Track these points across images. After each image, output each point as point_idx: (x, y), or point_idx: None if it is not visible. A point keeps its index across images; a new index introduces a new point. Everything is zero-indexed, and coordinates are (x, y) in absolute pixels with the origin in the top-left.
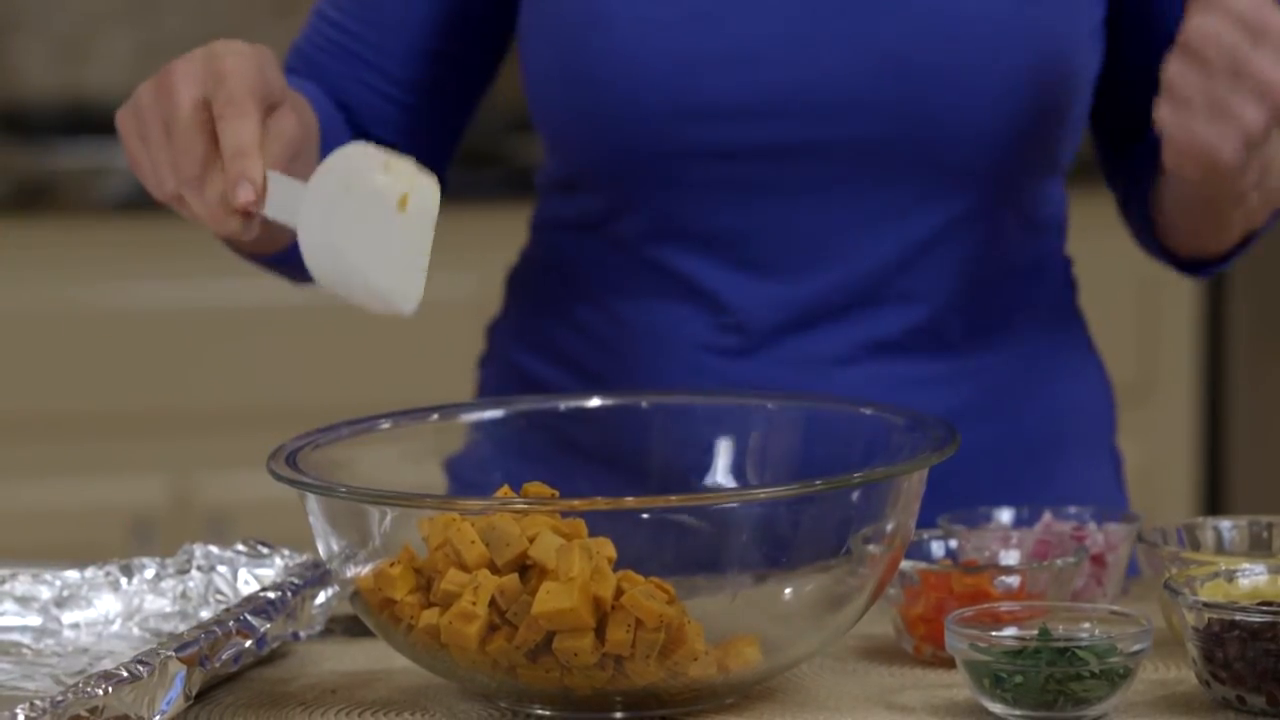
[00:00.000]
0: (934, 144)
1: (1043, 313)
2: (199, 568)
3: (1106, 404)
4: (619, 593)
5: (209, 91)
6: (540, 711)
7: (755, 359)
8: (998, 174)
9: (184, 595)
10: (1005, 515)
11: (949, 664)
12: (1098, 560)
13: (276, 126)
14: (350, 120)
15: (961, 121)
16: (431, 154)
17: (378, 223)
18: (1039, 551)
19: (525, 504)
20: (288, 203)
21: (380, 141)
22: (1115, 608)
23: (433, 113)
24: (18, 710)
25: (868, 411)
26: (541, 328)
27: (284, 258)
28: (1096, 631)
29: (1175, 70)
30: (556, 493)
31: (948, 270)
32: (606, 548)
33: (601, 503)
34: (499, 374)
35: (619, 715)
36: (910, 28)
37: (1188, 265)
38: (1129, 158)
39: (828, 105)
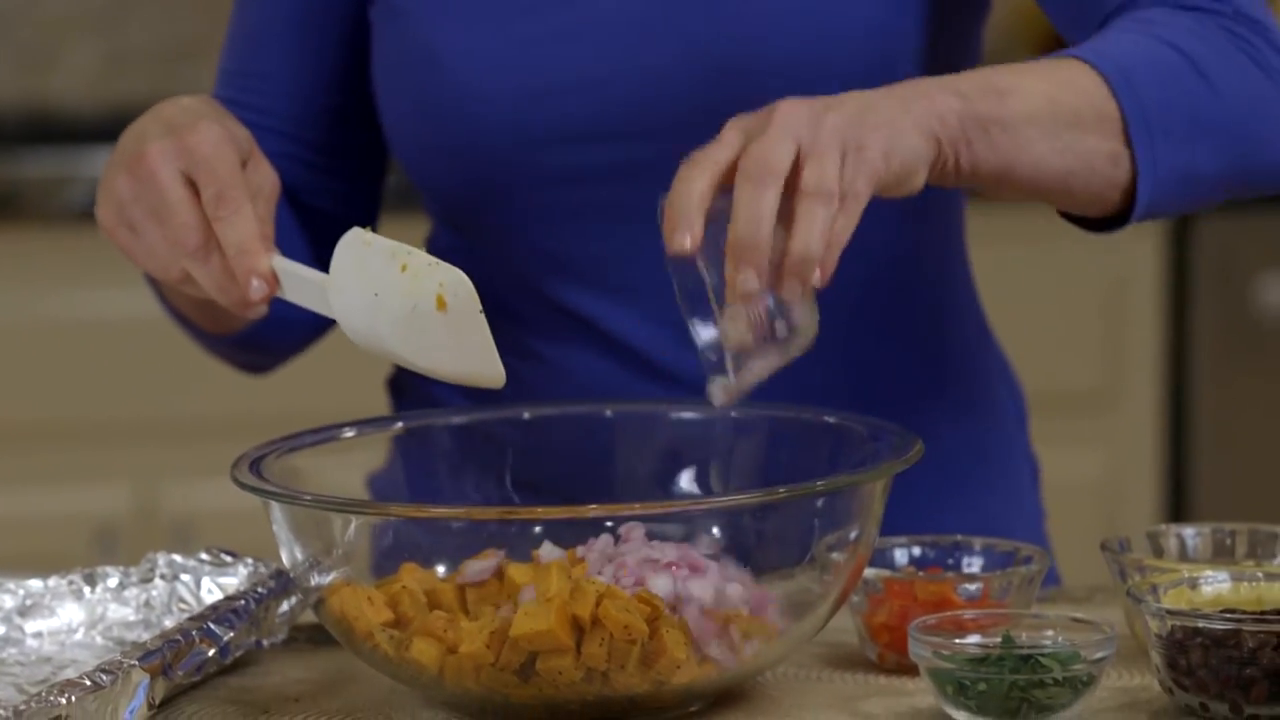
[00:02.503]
0: None
1: (942, 312)
2: (162, 576)
3: (1017, 410)
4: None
5: (186, 168)
6: None
7: (653, 383)
8: None
9: (147, 604)
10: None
11: (913, 671)
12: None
13: (255, 180)
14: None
15: None
16: (361, 206)
17: (424, 328)
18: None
19: (484, 515)
20: (306, 290)
21: (309, 207)
22: (1078, 615)
23: (350, 166)
24: None
25: (831, 420)
26: None
27: (246, 339)
28: (1060, 639)
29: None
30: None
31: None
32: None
33: (565, 511)
34: (408, 399)
35: None
36: (741, 33)
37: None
38: None
39: (668, 121)
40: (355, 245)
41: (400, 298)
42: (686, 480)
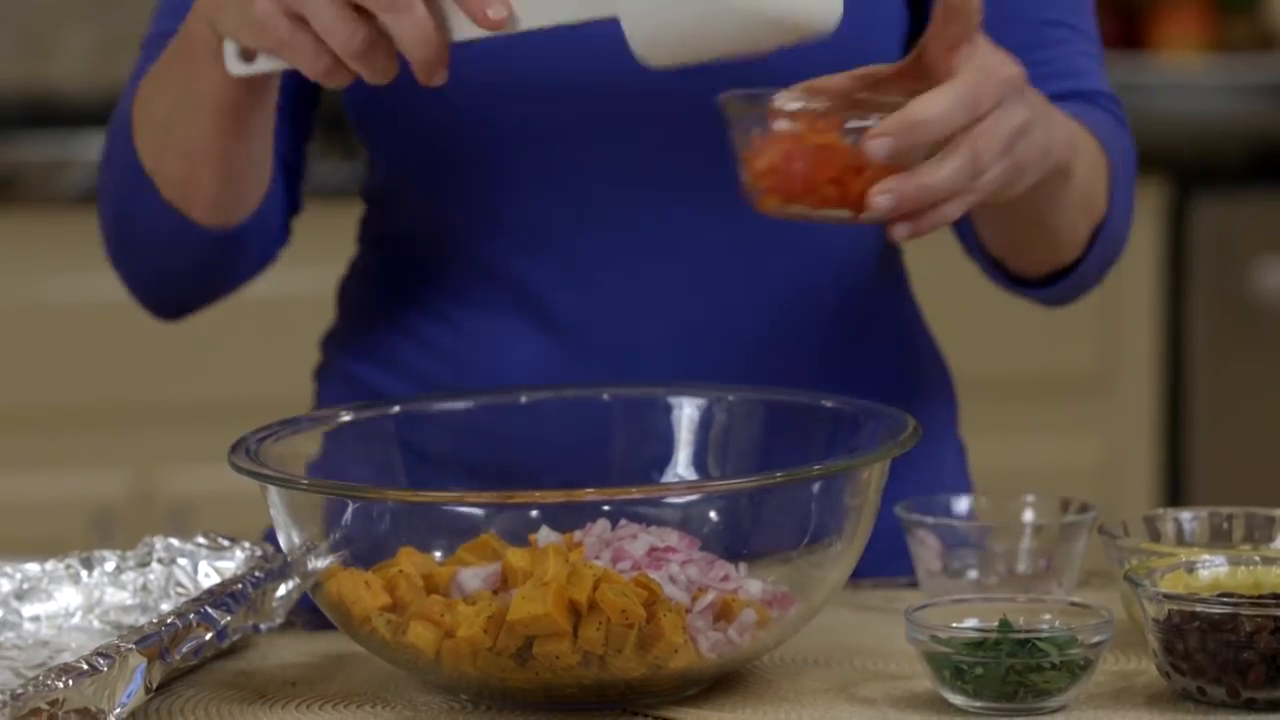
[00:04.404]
0: None
1: (872, 301)
2: (159, 560)
3: (946, 391)
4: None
5: None
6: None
7: (581, 361)
8: None
9: (144, 588)
10: (964, 504)
11: (797, 217)
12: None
13: None
14: None
15: None
16: (290, 148)
17: None
18: None
19: (480, 500)
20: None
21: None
22: (1075, 599)
23: (290, 110)
24: None
25: (828, 403)
26: (380, 340)
27: (226, 240)
28: (1057, 623)
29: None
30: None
31: (772, 253)
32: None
33: (562, 495)
34: (338, 387)
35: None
36: None
37: (1048, 284)
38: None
39: (647, 83)
40: None
41: None
42: (683, 465)
